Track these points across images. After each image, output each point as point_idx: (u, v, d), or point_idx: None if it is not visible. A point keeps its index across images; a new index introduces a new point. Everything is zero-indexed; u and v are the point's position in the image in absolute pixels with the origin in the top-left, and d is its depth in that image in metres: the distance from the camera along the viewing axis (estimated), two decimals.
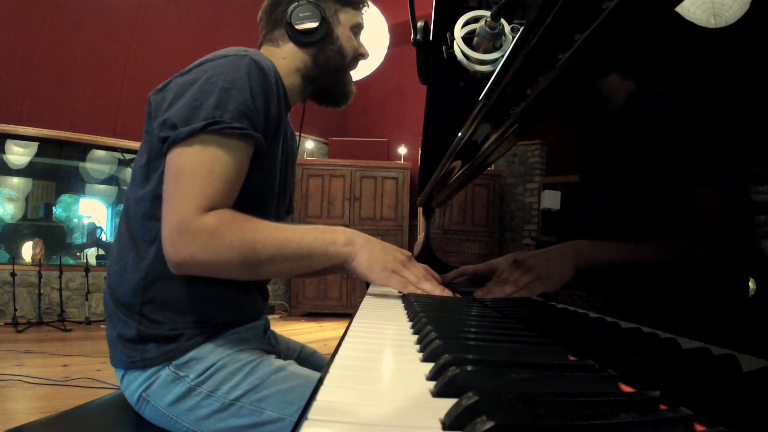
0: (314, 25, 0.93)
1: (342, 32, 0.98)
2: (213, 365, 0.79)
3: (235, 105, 0.76)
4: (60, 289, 3.75)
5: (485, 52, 0.75)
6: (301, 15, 0.93)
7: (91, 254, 4.35)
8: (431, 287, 0.78)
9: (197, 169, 0.74)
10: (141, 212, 0.82)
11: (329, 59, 0.97)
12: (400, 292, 0.80)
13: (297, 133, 1.10)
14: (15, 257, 3.84)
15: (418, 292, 0.77)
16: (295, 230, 0.78)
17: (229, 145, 0.76)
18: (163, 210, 0.75)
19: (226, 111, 0.75)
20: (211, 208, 0.74)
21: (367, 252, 0.78)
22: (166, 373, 0.78)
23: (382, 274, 0.77)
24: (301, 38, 0.94)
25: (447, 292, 0.78)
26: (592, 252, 0.47)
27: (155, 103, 0.82)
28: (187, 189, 0.73)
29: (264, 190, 0.87)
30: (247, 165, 0.80)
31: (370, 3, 1.04)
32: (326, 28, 0.95)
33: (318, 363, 1.06)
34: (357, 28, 1.00)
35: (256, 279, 0.90)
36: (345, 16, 0.98)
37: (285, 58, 0.96)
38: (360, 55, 1.02)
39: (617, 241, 0.43)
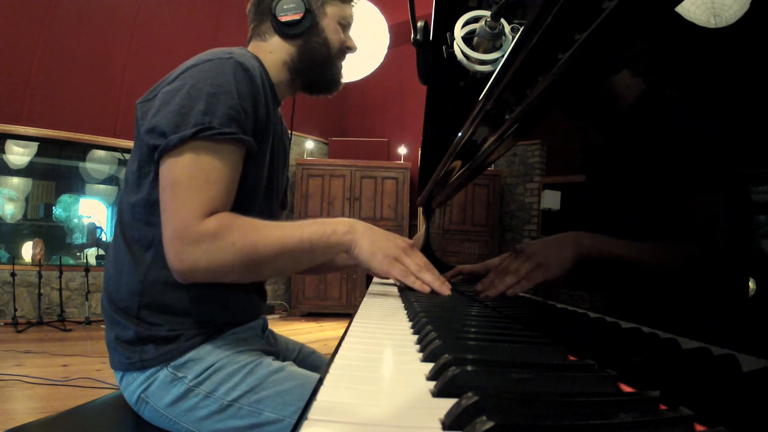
0: (298, 16, 0.92)
1: (328, 24, 0.96)
2: (211, 366, 0.79)
3: (224, 110, 0.76)
4: (60, 289, 3.75)
5: (485, 52, 0.75)
6: (285, 7, 0.92)
7: (91, 254, 4.35)
8: (431, 278, 0.78)
9: (193, 176, 0.74)
10: (136, 218, 0.82)
11: (315, 51, 0.96)
12: (398, 286, 0.80)
13: (289, 132, 1.10)
14: (15, 257, 3.84)
15: (417, 284, 0.77)
16: (295, 225, 0.78)
17: (221, 150, 0.76)
18: (162, 219, 0.75)
19: (215, 116, 0.75)
20: (210, 214, 0.74)
21: (369, 239, 0.78)
22: (164, 374, 0.78)
23: (384, 261, 0.77)
24: (285, 30, 0.93)
25: (447, 285, 0.78)
26: (593, 242, 0.47)
27: (142, 111, 0.81)
28: (186, 197, 0.73)
29: (251, 188, 0.87)
30: (240, 168, 0.80)
31: None
32: (311, 19, 0.94)
33: (317, 363, 1.06)
34: (345, 21, 0.99)
35: (261, 279, 0.90)
36: (332, 9, 0.97)
37: (271, 52, 0.95)
38: (347, 48, 1.00)
39: (617, 243, 0.43)
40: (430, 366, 0.34)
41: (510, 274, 0.66)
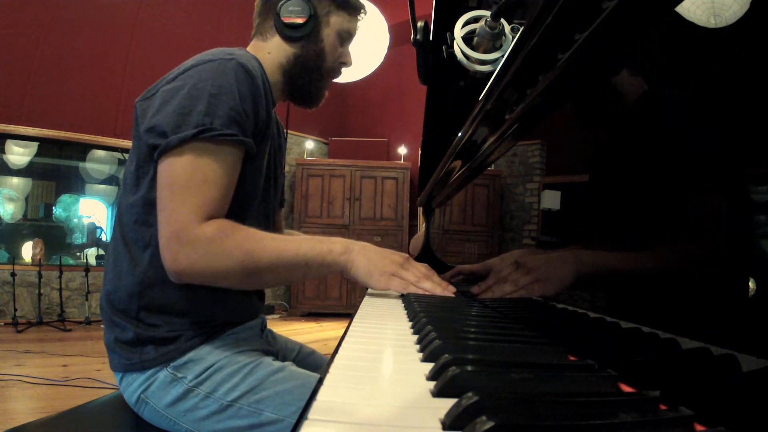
0: (301, 20, 0.93)
1: (328, 35, 0.97)
2: (211, 366, 0.79)
3: (225, 111, 0.76)
4: (60, 289, 3.75)
5: (485, 52, 0.75)
6: (290, 8, 0.93)
7: (91, 254, 4.35)
8: (432, 286, 0.78)
9: (192, 177, 0.74)
10: (134, 218, 0.82)
11: (308, 59, 0.96)
12: (400, 294, 0.80)
13: (285, 131, 1.10)
14: (15, 257, 3.84)
15: (420, 292, 0.77)
16: (292, 240, 0.78)
17: (221, 152, 0.76)
18: (158, 219, 0.75)
19: (216, 117, 0.75)
20: (208, 216, 0.74)
21: (365, 258, 0.78)
22: (164, 374, 0.78)
23: (381, 278, 0.77)
24: (286, 32, 0.94)
25: (449, 290, 0.78)
26: (593, 260, 0.47)
27: (141, 110, 0.81)
28: (183, 198, 0.73)
29: (250, 189, 0.87)
30: (238, 170, 0.80)
31: (366, 12, 1.03)
32: (313, 26, 0.94)
33: (317, 363, 1.06)
34: (346, 34, 0.99)
35: (254, 288, 0.90)
36: (337, 20, 0.97)
37: (270, 53, 0.95)
38: (342, 63, 1.01)
39: (617, 243, 0.43)
40: (430, 366, 0.34)
41: (509, 283, 0.66)
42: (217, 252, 0.73)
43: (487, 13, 0.73)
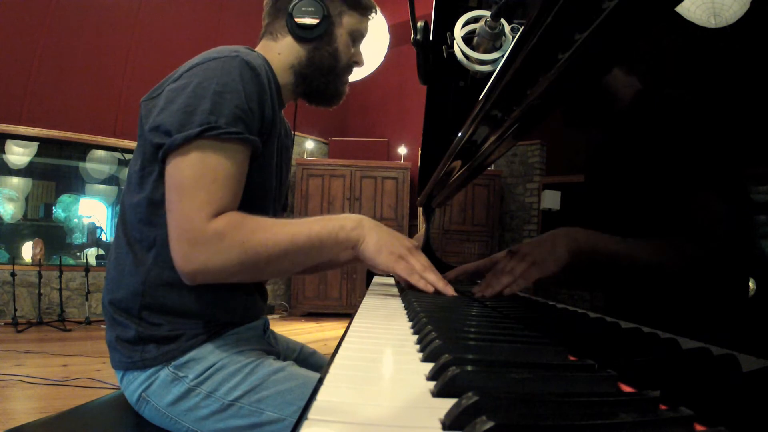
0: (315, 21, 0.92)
1: (341, 35, 0.96)
2: (212, 366, 0.79)
3: (230, 109, 0.75)
4: (60, 289, 3.75)
5: (485, 52, 0.75)
6: (303, 9, 0.92)
7: (91, 254, 4.35)
8: (435, 278, 0.78)
9: (200, 176, 0.73)
10: (138, 218, 0.81)
11: (323, 59, 0.95)
12: (399, 286, 0.80)
13: (292, 132, 1.10)
14: (15, 257, 3.84)
15: (421, 283, 0.77)
16: (303, 223, 0.78)
17: (228, 150, 0.75)
18: (168, 220, 0.74)
19: (221, 116, 0.74)
20: (217, 214, 0.73)
21: (376, 235, 0.79)
22: (165, 373, 0.78)
23: (389, 258, 0.78)
24: (299, 32, 0.93)
25: (450, 287, 0.78)
26: (586, 237, 0.48)
27: (146, 109, 0.81)
28: (193, 198, 0.72)
29: (261, 190, 0.87)
30: (246, 168, 0.80)
31: (377, 12, 1.03)
32: (326, 27, 0.94)
33: (317, 363, 1.06)
34: (358, 34, 0.99)
35: (270, 277, 0.89)
36: (349, 20, 0.96)
37: (280, 53, 0.95)
38: (354, 62, 1.00)
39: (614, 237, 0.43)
40: (430, 366, 0.34)
41: (506, 275, 0.66)
42: (230, 246, 0.72)
43: (487, 13, 0.73)
